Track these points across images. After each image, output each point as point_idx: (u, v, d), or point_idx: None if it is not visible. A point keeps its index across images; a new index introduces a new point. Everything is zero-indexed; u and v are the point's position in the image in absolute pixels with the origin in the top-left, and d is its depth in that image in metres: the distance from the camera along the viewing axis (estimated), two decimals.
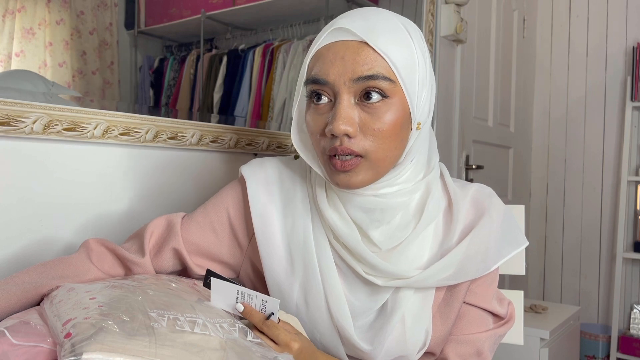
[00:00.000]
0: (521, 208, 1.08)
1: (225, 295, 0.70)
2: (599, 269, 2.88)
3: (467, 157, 2.27)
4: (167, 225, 0.86)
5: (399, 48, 0.70)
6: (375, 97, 0.69)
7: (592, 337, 2.77)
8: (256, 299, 0.70)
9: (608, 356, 2.72)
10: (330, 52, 0.70)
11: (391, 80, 0.69)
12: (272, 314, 0.69)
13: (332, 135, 0.70)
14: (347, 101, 0.69)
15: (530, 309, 2.37)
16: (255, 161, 0.87)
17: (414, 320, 0.77)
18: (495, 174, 2.62)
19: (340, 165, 0.71)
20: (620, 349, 2.67)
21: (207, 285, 0.71)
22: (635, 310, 2.71)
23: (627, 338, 2.65)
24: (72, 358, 0.50)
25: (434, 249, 0.78)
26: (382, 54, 0.68)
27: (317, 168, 0.78)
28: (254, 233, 0.83)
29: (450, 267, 0.76)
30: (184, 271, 0.88)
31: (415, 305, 0.77)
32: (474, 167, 2.28)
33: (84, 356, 0.50)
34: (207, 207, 0.88)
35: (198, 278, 0.88)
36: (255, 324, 0.69)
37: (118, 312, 0.58)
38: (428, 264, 0.77)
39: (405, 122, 0.72)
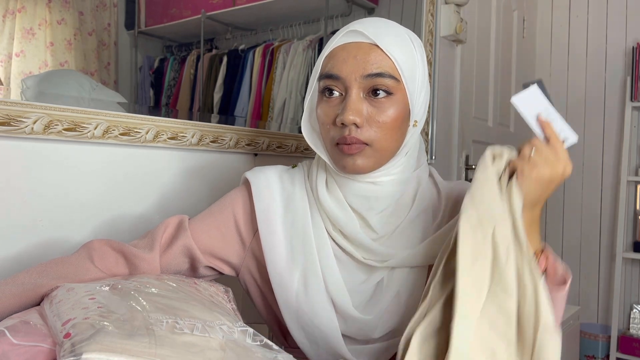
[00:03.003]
0: None
1: (534, 104, 0.74)
2: (598, 269, 2.88)
3: (467, 157, 2.27)
4: (178, 223, 0.90)
5: (404, 52, 0.79)
6: (381, 93, 0.78)
7: (591, 337, 2.77)
8: (558, 123, 0.75)
9: (608, 356, 2.73)
10: (345, 51, 0.79)
11: (396, 79, 0.78)
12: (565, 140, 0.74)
13: (342, 124, 0.78)
14: (356, 95, 0.78)
15: None
16: (257, 168, 0.94)
17: (409, 295, 0.83)
18: None
19: (347, 149, 0.79)
20: (620, 348, 2.67)
21: (526, 85, 0.75)
22: (635, 310, 2.71)
23: (627, 338, 2.65)
24: (72, 358, 0.50)
25: (426, 233, 0.86)
26: (390, 56, 0.78)
27: (324, 156, 0.86)
28: (257, 229, 0.89)
29: (441, 244, 0.82)
30: (188, 271, 0.91)
31: (410, 282, 0.84)
32: (473, 167, 2.28)
33: (84, 356, 0.50)
34: (213, 209, 0.93)
35: (201, 277, 0.90)
36: (549, 137, 0.74)
37: (117, 314, 0.58)
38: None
39: (405, 118, 0.81)
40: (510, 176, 0.75)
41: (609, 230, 2.84)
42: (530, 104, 0.75)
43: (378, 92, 0.78)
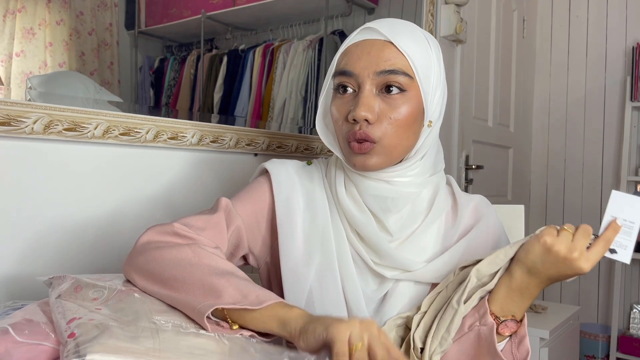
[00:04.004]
0: (521, 208, 1.08)
1: (625, 209, 0.71)
2: (598, 269, 2.88)
3: (467, 157, 2.27)
4: (226, 206, 0.85)
5: (418, 50, 0.79)
6: (394, 90, 0.78)
7: (591, 336, 2.77)
8: (627, 238, 0.70)
9: (608, 356, 2.73)
10: (359, 48, 0.79)
11: (409, 76, 0.78)
12: (614, 251, 0.71)
13: (354, 120, 0.78)
14: (369, 91, 0.78)
15: (530, 309, 2.37)
16: (275, 159, 0.93)
17: (410, 309, 0.82)
18: (495, 174, 2.62)
19: (357, 148, 0.79)
20: (620, 348, 2.67)
21: (638, 194, 0.74)
22: (634, 310, 2.71)
23: (627, 338, 2.65)
24: (76, 359, 0.50)
25: (437, 247, 0.85)
26: (404, 53, 0.78)
27: (338, 152, 0.86)
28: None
29: (450, 264, 0.82)
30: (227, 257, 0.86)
31: (412, 296, 0.83)
32: (473, 167, 2.28)
33: (88, 357, 0.50)
34: (249, 196, 0.88)
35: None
36: (602, 237, 0.71)
37: (122, 317, 0.59)
38: (431, 259, 0.84)
39: (418, 116, 0.80)
40: None
41: None
42: (622, 207, 0.72)
43: (391, 88, 0.77)
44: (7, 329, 0.58)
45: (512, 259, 0.74)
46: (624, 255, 0.71)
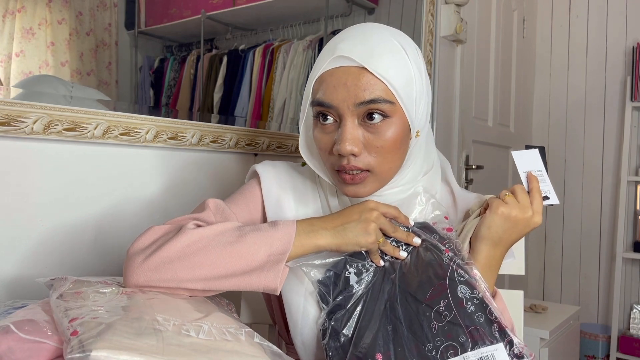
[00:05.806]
0: None
1: (529, 163, 0.82)
2: (598, 269, 2.88)
3: (467, 157, 2.27)
4: (216, 206, 0.83)
5: (397, 68, 0.75)
6: (377, 117, 0.75)
7: (591, 337, 2.77)
8: (546, 184, 0.81)
9: (608, 356, 2.73)
10: (334, 78, 0.75)
11: (391, 102, 0.74)
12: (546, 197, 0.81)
13: (340, 154, 0.76)
14: (351, 123, 0.75)
15: (530, 309, 2.37)
16: (267, 161, 0.92)
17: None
18: (495, 174, 2.62)
19: (349, 179, 0.77)
20: (620, 348, 2.67)
21: (529, 147, 0.84)
22: (635, 310, 2.71)
23: (627, 338, 2.65)
24: (80, 354, 0.50)
25: None
26: (382, 79, 0.73)
27: (325, 177, 0.84)
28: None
29: None
30: None
31: None
32: (474, 167, 2.28)
33: (93, 353, 0.50)
34: (244, 197, 0.88)
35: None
36: (531, 189, 0.79)
37: (125, 316, 0.59)
38: None
39: (405, 135, 0.78)
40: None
41: (609, 230, 2.84)
42: (527, 161, 0.83)
43: (373, 116, 0.74)
44: (9, 327, 0.58)
45: (471, 240, 0.79)
46: (553, 199, 0.81)
